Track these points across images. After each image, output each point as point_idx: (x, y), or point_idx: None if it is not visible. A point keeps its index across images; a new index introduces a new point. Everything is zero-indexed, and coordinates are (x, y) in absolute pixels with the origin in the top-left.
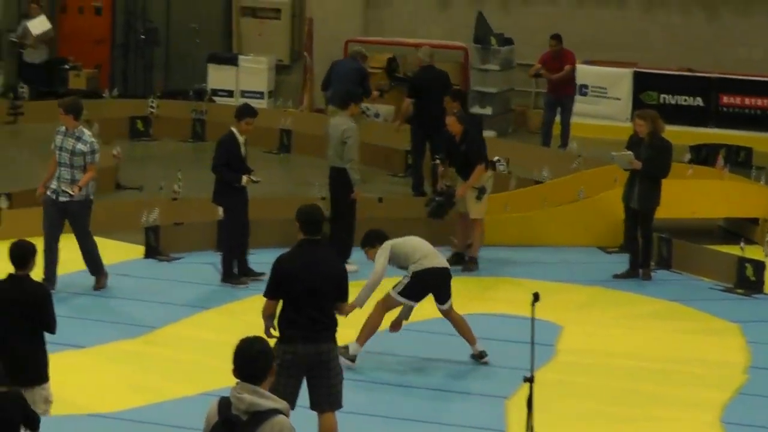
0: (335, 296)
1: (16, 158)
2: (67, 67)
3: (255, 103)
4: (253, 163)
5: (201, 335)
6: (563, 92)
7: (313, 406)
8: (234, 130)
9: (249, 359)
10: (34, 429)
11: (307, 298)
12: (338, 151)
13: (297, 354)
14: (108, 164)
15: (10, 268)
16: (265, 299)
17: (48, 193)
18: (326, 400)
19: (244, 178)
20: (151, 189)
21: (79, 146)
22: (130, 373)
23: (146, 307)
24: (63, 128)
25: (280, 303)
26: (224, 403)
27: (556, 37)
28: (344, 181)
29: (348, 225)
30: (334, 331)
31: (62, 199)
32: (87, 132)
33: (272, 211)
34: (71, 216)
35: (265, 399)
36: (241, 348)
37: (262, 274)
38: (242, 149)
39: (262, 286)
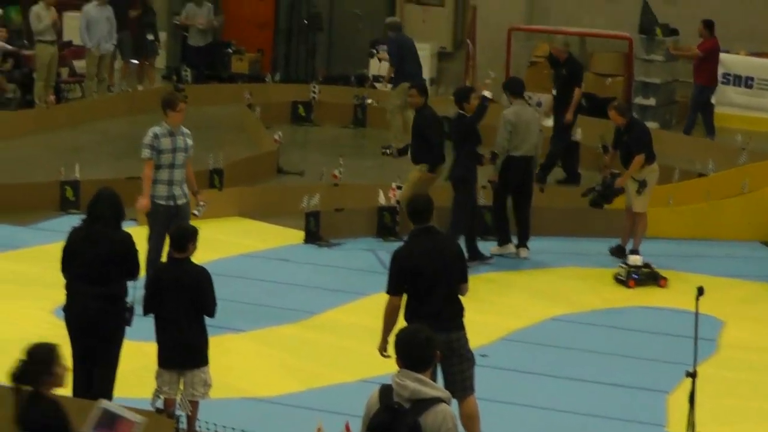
0: (458, 278)
1: None
2: (230, 51)
3: None
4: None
5: (360, 321)
6: (696, 80)
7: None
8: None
9: (413, 347)
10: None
11: (433, 287)
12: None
13: None
14: (269, 149)
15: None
16: (388, 297)
17: (161, 202)
18: (461, 387)
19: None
20: (312, 174)
21: (189, 141)
22: (289, 357)
23: (305, 292)
24: (166, 128)
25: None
26: (385, 391)
27: (706, 24)
28: (532, 170)
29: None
30: (462, 317)
31: (180, 202)
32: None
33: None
34: (182, 216)
35: (429, 387)
36: (405, 336)
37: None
38: None
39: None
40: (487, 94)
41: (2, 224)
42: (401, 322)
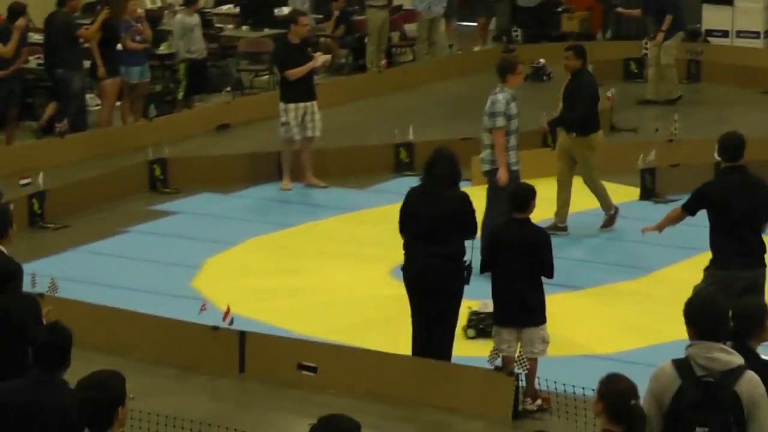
0: (765, 217)
1: None
2: (559, 10)
3: (750, 43)
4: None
5: (699, 278)
6: None
7: None
8: None
9: (715, 318)
10: None
11: (742, 221)
12: None
13: (736, 278)
14: (603, 107)
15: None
16: (679, 209)
17: (513, 168)
18: None
19: None
20: (646, 131)
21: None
22: (628, 314)
23: (641, 249)
24: (510, 93)
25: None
26: (683, 365)
27: None
28: None
29: None
30: (765, 253)
31: (517, 167)
32: None
33: None
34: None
35: (735, 356)
36: (703, 306)
37: None
38: None
39: None
40: None
41: (339, 187)
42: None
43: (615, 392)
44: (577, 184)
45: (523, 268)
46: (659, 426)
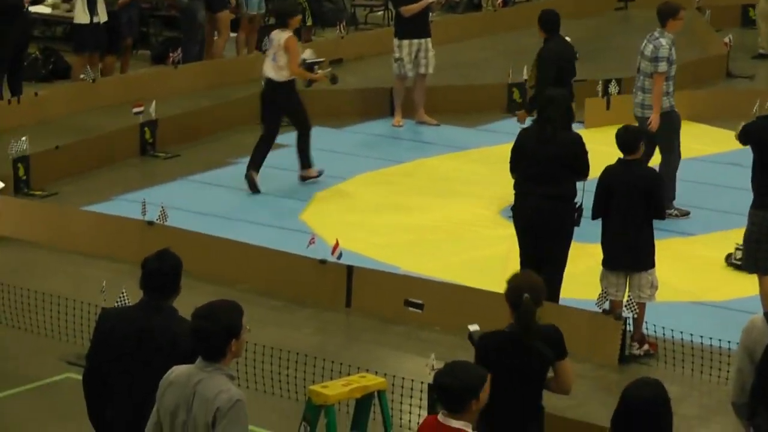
0: None
1: (623, 45)
2: None
3: None
4: None
5: None
6: None
7: None
8: None
9: None
10: None
11: None
12: None
13: None
14: (719, 52)
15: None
16: None
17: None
18: None
19: None
20: (762, 79)
21: None
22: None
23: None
24: (670, 38)
25: None
26: None
27: None
28: None
29: None
30: None
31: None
32: None
33: None
34: None
35: None
36: None
37: None
38: None
39: None
40: None
41: (450, 125)
42: None
43: (511, 287)
44: (693, 129)
45: (633, 211)
46: (751, 378)
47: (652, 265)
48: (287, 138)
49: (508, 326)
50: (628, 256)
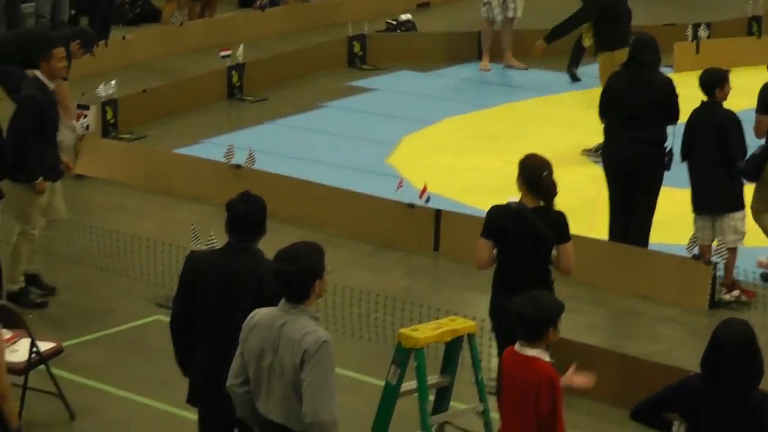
0: None
1: None
2: None
3: None
4: None
5: None
6: None
7: None
8: None
9: None
10: None
11: None
12: None
13: None
14: None
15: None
16: None
17: None
18: None
19: None
20: None
21: None
22: None
23: None
24: None
25: None
26: None
27: None
28: None
29: None
30: None
31: None
32: None
33: None
34: None
35: None
36: None
37: None
38: None
39: None
40: None
41: (538, 69)
42: None
43: (528, 166)
44: None
45: (715, 153)
46: None
47: (736, 209)
48: (375, 82)
49: (517, 203)
50: (709, 198)
